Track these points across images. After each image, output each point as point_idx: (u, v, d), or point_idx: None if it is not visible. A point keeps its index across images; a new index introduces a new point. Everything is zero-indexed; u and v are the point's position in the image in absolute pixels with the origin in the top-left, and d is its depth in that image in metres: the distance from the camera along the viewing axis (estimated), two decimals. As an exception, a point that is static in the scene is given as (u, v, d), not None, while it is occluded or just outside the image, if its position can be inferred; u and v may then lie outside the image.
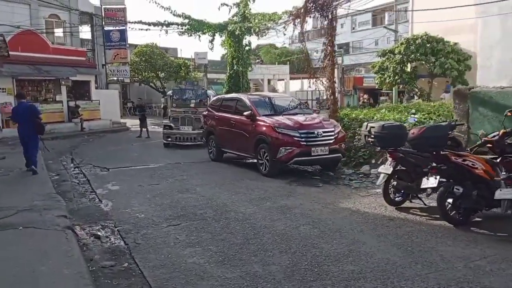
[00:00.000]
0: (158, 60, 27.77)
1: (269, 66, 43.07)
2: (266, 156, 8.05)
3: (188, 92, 14.16)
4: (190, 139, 13.05)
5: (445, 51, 16.99)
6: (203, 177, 8.27)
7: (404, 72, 18.39)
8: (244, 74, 16.89)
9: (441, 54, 16.98)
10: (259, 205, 5.99)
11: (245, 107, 9.07)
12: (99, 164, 10.22)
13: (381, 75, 20.19)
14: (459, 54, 17.07)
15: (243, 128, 8.85)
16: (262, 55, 61.57)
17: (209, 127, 10.55)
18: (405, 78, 18.56)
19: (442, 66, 16.63)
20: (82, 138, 17.01)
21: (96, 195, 7.06)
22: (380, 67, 20.03)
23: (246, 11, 15.42)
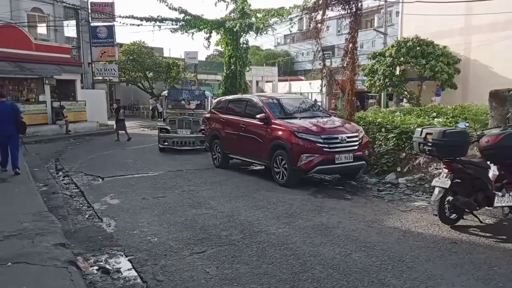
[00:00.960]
0: (146, 59, 26.60)
1: (258, 67, 42.32)
2: (284, 164, 7.22)
3: (184, 92, 13.21)
4: (189, 143, 12.11)
5: (435, 54, 16.98)
6: (214, 188, 7.38)
7: (394, 75, 18.16)
8: (242, 74, 16.03)
9: (431, 57, 16.96)
10: (289, 223, 5.15)
11: (256, 109, 8.22)
12: (91, 171, 9.21)
13: (371, 77, 19.92)
14: (449, 58, 17.07)
15: (255, 132, 8.00)
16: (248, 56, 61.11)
17: (213, 130, 9.65)
18: (395, 81, 18.36)
19: (432, 69, 16.59)
20: (68, 141, 15.85)
21: (94, 211, 6.09)
22: (370, 69, 19.76)
23: (245, 6, 14.56)
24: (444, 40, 17.54)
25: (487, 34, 16.53)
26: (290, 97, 9.35)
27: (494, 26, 16.25)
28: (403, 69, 18.27)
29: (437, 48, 17.23)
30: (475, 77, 17.19)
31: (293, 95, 15.98)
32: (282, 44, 67.13)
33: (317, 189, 7.07)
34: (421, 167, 7.49)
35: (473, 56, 17.54)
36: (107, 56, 20.44)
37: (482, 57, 17.01)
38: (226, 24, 14.64)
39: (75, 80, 19.06)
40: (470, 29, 17.62)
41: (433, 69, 16.71)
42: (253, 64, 47.28)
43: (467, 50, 17.77)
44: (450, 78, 16.99)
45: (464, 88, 17.59)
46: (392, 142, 7.71)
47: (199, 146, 12.17)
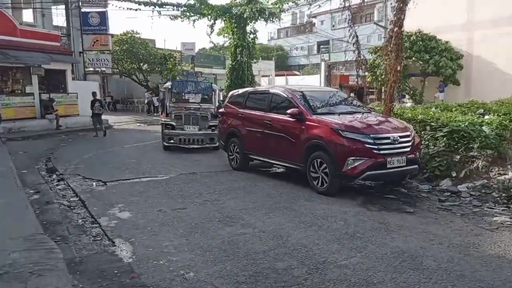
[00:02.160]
0: (140, 50, 25.12)
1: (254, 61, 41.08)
2: (324, 168, 6.09)
3: (190, 84, 11.95)
4: (197, 141, 10.90)
5: (438, 49, 16.36)
6: (241, 196, 6.22)
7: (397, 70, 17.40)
8: (249, 65, 14.81)
9: (434, 52, 16.33)
10: (359, 249, 4.03)
11: (286, 103, 7.06)
12: (90, 174, 7.97)
13: (373, 73, 19.13)
14: (452, 53, 16.45)
15: (285, 130, 6.84)
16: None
17: (230, 127, 8.46)
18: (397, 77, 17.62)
19: (436, 64, 15.98)
20: (59, 138, 14.47)
21: (101, 229, 4.88)
22: (371, 64, 18.96)
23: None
24: (446, 35, 17.02)
25: (490, 30, 15.89)
26: (320, 90, 8.22)
27: (497, 21, 15.57)
28: (404, 64, 17.60)
29: (440, 43, 16.67)
30: (478, 73, 16.56)
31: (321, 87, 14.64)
32: (276, 38, 65.85)
33: (365, 199, 5.96)
34: (480, 172, 6.46)
35: (476, 52, 16.89)
36: (100, 45, 18.96)
37: (485, 53, 16.37)
38: (233, 10, 13.38)
39: (65, 71, 17.58)
40: (472, 24, 16.95)
41: (437, 64, 16.21)
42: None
43: (469, 45, 17.17)
44: (453, 74, 16.42)
45: (467, 84, 16.89)
46: (442, 143, 6.64)
47: (208, 144, 10.99)
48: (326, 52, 35.73)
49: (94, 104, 14.70)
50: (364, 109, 7.32)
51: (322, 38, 56.77)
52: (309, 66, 57.26)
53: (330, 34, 51.45)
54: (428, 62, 16.41)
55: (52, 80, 17.35)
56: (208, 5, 13.27)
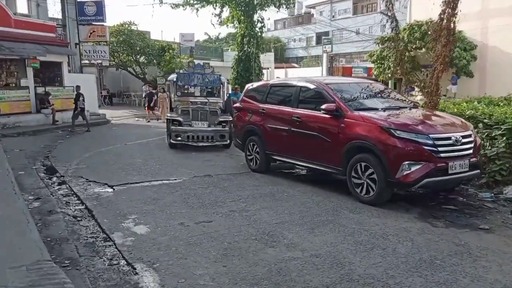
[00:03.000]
0: (137, 42, 24.00)
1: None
2: (371, 174, 5.25)
3: (196, 77, 11.03)
4: (206, 138, 10.02)
5: None
6: (272, 206, 5.38)
7: (406, 61, 16.62)
8: (256, 56, 13.90)
9: None
10: (450, 284, 3.21)
11: (319, 97, 6.20)
12: (94, 176, 7.09)
13: (380, 64, 18.28)
14: (465, 43, 15.56)
15: (319, 128, 6.00)
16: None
17: (248, 125, 7.59)
18: (407, 68, 16.79)
19: None
20: (55, 134, 13.51)
21: (117, 248, 4.03)
22: (379, 56, 18.06)
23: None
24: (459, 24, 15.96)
25: (506, 18, 14.98)
26: (352, 81, 7.32)
27: None
28: (413, 56, 16.72)
29: None
30: (493, 65, 15.68)
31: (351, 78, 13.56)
32: (272, 30, 64.64)
33: (422, 210, 5.14)
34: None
35: (491, 42, 15.97)
36: (97, 36, 17.87)
37: (502, 43, 15.42)
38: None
39: (61, 63, 16.50)
40: (487, 12, 16.00)
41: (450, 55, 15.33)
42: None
43: (484, 35, 16.20)
44: (467, 65, 15.59)
45: (481, 76, 16.06)
46: (502, 143, 5.82)
47: (219, 142, 10.12)
48: (328, 43, 34.69)
49: (78, 99, 13.91)
50: (408, 103, 6.48)
51: (321, 29, 55.77)
52: (307, 58, 56.28)
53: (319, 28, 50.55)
54: None
55: (47, 73, 16.29)
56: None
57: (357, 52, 43.08)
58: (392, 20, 7.64)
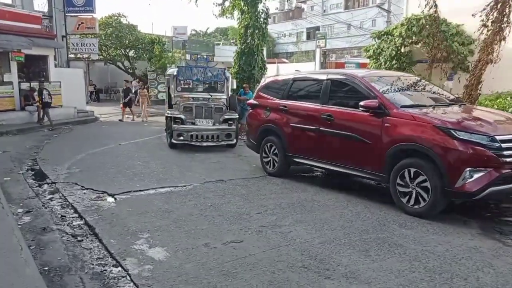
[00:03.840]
0: (126, 35, 22.89)
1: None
2: (422, 181, 4.53)
3: (199, 71, 10.19)
4: (211, 138, 9.20)
5: (449, 33, 14.98)
6: (306, 219, 4.62)
7: (403, 56, 16.19)
8: (260, 49, 13.09)
9: (444, 37, 14.96)
10: None
11: (354, 92, 5.46)
12: (91, 182, 6.23)
13: (376, 60, 17.74)
14: (463, 37, 15.14)
15: (357, 128, 5.25)
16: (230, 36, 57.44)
17: (264, 123, 6.81)
18: (403, 63, 16.38)
19: (447, 49, 14.65)
20: (41, 133, 12.50)
21: (133, 282, 3.22)
22: (375, 51, 17.54)
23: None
24: (457, 18, 15.47)
25: None
26: (388, 74, 6.56)
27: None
28: (409, 50, 16.26)
29: (451, 27, 15.28)
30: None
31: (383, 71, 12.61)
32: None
33: (482, 224, 4.44)
34: None
35: None
36: (85, 27, 16.77)
37: None
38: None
39: (47, 57, 15.40)
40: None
41: (448, 50, 14.90)
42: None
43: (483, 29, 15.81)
44: (464, 60, 15.15)
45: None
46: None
47: (225, 141, 9.31)
48: (322, 38, 34.06)
49: (42, 93, 12.99)
50: (454, 100, 5.76)
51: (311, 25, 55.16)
52: (298, 54, 55.66)
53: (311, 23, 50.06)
54: (438, 47, 15.14)
55: (32, 67, 15.19)
56: None
57: (350, 47, 42.71)
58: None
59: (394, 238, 4.07)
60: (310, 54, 53.96)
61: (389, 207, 4.98)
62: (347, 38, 46.30)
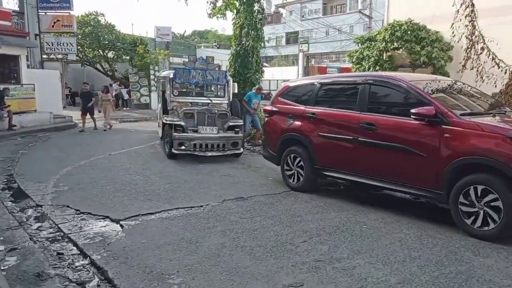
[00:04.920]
0: (105, 35, 21.68)
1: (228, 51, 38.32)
2: (493, 200, 3.91)
3: (199, 73, 9.36)
4: (217, 146, 8.38)
5: (429, 40, 15.14)
6: (364, 248, 3.89)
7: (386, 61, 16.31)
8: (256, 50, 12.37)
9: (425, 43, 15.07)
10: None
11: (401, 98, 4.82)
12: (86, 204, 5.33)
13: (359, 65, 17.70)
14: (442, 44, 15.32)
15: (408, 139, 4.58)
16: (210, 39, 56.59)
17: (287, 132, 6.07)
18: (386, 68, 16.49)
19: (428, 55, 14.79)
20: (14, 141, 11.29)
21: None
22: (358, 56, 17.53)
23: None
24: (435, 25, 15.61)
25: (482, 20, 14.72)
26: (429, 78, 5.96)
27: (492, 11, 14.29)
28: (390, 55, 16.36)
29: (430, 33, 15.43)
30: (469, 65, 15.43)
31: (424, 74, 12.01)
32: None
33: None
34: None
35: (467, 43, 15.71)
36: (62, 25, 15.53)
37: None
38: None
39: (19, 57, 14.13)
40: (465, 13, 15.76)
41: (429, 56, 15.02)
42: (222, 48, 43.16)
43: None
44: (443, 66, 15.34)
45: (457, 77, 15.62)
46: None
47: (231, 150, 8.51)
48: (305, 43, 33.83)
49: None
50: (495, 103, 5.22)
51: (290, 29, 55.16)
52: (278, 58, 55.48)
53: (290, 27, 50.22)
54: (419, 53, 15.15)
55: (1, 68, 13.90)
56: None
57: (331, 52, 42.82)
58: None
59: (477, 271, 3.42)
60: (289, 58, 53.95)
61: (447, 229, 4.36)
62: (326, 43, 46.48)
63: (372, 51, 17.05)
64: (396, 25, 16.25)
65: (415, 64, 16.68)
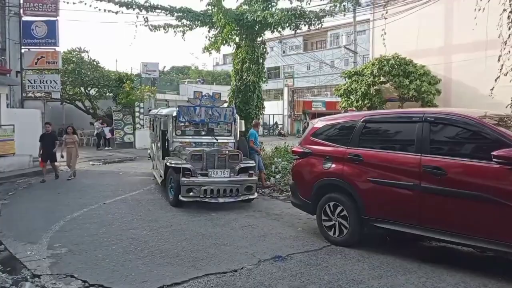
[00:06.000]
0: (89, 72, 20.89)
1: (210, 86, 38.09)
2: None
3: (205, 111, 8.65)
4: (230, 192, 7.54)
5: (417, 74, 15.36)
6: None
7: (374, 95, 16.48)
8: (258, 86, 11.83)
9: (413, 77, 15.30)
10: None
11: (475, 138, 4.21)
12: (94, 272, 4.46)
13: (347, 98, 17.78)
14: (430, 77, 15.58)
15: (488, 185, 3.93)
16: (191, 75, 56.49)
17: (325, 176, 5.35)
18: (375, 102, 16.61)
19: (417, 89, 14.93)
20: (-8, 189, 10.08)
21: None
22: (346, 90, 17.68)
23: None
24: (421, 59, 15.94)
25: (468, 54, 15.08)
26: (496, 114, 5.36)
27: (477, 45, 14.66)
28: (377, 89, 16.50)
29: (417, 67, 15.64)
30: (457, 98, 15.56)
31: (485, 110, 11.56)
32: (221, 64, 63.60)
33: None
34: None
35: (454, 76, 15.98)
36: (46, 62, 14.67)
37: (465, 78, 15.46)
38: (247, 16, 10.37)
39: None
40: (450, 48, 16.14)
41: (418, 90, 15.11)
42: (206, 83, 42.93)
43: (447, 69, 16.28)
44: (432, 99, 15.49)
45: None
46: None
47: (245, 195, 7.67)
48: (290, 77, 34.03)
49: None
50: None
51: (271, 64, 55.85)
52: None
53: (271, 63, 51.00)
54: (408, 87, 15.21)
55: (-22, 108, 12.81)
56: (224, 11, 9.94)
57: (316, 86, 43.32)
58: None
59: None
60: (271, 92, 54.36)
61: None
62: (307, 78, 47.18)
63: (360, 85, 17.12)
64: (383, 60, 16.44)
65: (404, 98, 16.79)
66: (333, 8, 9.36)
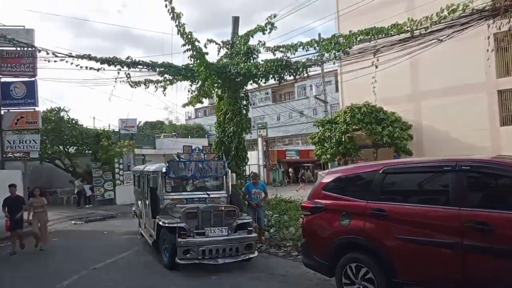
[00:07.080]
0: (68, 131, 19.37)
1: (187, 139, 36.91)
2: None
3: (195, 165, 7.66)
4: (229, 251, 6.41)
5: (388, 120, 15.26)
6: None
7: (348, 142, 16.22)
8: (241, 138, 10.98)
9: (385, 123, 15.31)
10: None
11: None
12: None
13: (321, 146, 17.39)
14: (401, 123, 15.62)
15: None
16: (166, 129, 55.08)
17: (344, 235, 4.45)
18: (349, 149, 16.34)
19: (390, 135, 14.80)
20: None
21: None
22: (320, 137, 17.38)
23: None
24: (391, 106, 15.92)
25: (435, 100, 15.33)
26: None
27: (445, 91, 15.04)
28: (350, 136, 16.27)
29: (388, 114, 15.65)
30: (429, 142, 15.58)
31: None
32: (193, 118, 62.92)
33: None
34: None
35: (425, 122, 16.10)
36: (25, 122, 13.29)
37: (436, 122, 15.62)
38: (229, 68, 9.74)
39: (-26, 158, 11.50)
40: (418, 95, 16.33)
41: (391, 136, 14.97)
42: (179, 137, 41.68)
43: (417, 115, 16.40)
44: (405, 144, 15.44)
45: (419, 153, 15.73)
46: None
47: (245, 254, 6.54)
48: (263, 128, 33.70)
49: None
50: None
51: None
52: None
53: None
54: (381, 133, 14.99)
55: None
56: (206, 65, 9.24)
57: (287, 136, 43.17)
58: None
59: None
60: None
61: None
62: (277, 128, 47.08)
63: (333, 132, 16.63)
64: (355, 108, 16.11)
65: (378, 144, 16.37)
66: (320, 57, 8.87)
